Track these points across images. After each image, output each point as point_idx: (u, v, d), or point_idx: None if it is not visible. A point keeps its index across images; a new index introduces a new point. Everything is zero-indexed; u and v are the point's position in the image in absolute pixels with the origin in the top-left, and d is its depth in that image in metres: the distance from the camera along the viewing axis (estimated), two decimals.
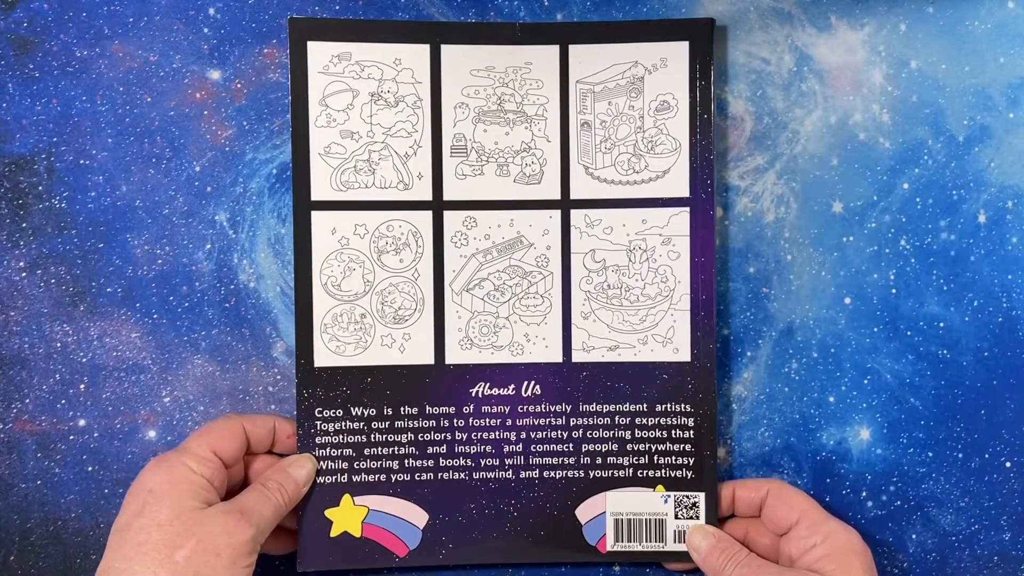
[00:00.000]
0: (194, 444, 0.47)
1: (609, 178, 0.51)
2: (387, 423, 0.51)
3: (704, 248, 0.51)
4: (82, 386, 0.52)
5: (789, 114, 0.53)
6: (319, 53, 0.51)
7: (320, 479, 0.51)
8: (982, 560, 0.53)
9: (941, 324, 0.52)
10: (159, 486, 0.45)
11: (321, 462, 0.51)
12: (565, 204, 0.52)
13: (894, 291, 0.52)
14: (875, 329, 0.52)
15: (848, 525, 0.48)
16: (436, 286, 0.52)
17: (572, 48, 0.51)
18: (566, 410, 0.51)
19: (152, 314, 0.52)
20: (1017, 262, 0.52)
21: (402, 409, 0.51)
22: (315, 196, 0.51)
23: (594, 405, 0.51)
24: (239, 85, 0.52)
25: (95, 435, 0.52)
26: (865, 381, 0.53)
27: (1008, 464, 0.53)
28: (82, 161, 0.52)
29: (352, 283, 0.51)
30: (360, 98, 0.51)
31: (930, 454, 0.53)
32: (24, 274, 0.52)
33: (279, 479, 0.49)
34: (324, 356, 0.51)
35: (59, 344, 0.52)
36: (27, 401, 0.52)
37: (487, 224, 0.52)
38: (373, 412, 0.51)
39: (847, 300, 0.53)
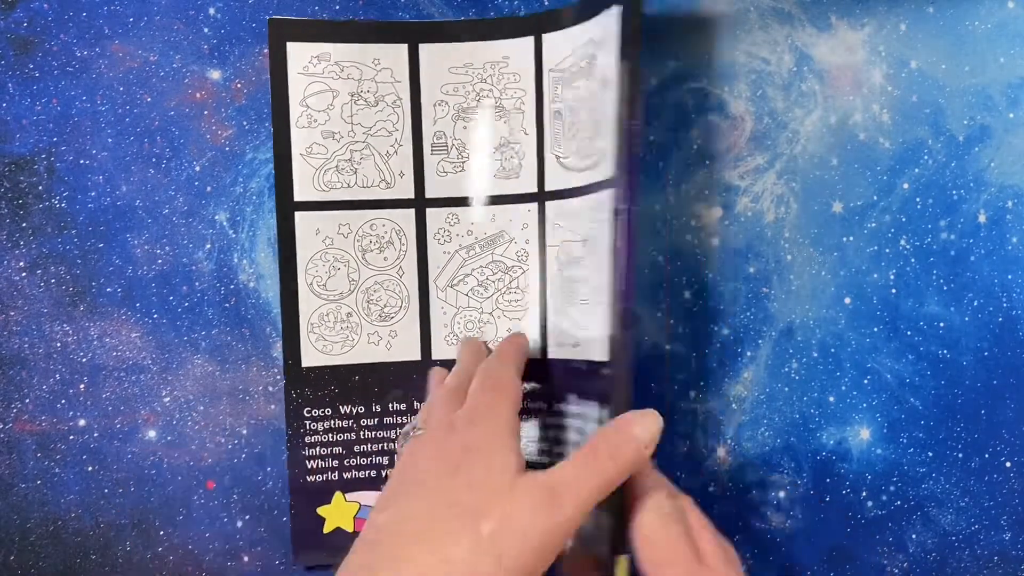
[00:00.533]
0: (503, 413, 0.42)
1: (573, 165, 0.51)
2: (376, 420, 0.51)
3: (622, 234, 0.44)
4: (82, 386, 0.52)
5: (789, 114, 0.53)
6: (299, 54, 0.51)
7: (311, 478, 0.51)
8: (982, 560, 0.53)
9: (941, 324, 0.52)
10: (475, 442, 0.40)
11: (311, 461, 0.51)
12: (541, 196, 0.52)
13: (894, 291, 0.52)
14: (875, 329, 0.52)
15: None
16: (421, 283, 0.52)
17: (545, 37, 0.51)
18: (543, 407, 0.51)
19: (152, 314, 0.52)
20: (1017, 262, 0.52)
21: (390, 406, 0.51)
22: (298, 197, 0.51)
23: (563, 404, 0.51)
24: (239, 85, 0.52)
25: (95, 435, 0.52)
26: (865, 381, 0.53)
27: (1008, 464, 0.53)
28: (82, 161, 0.52)
29: (337, 282, 0.52)
30: (340, 98, 0.51)
31: (930, 454, 0.53)
32: (24, 274, 0.52)
33: (615, 442, 0.40)
34: (311, 356, 0.51)
35: (59, 344, 0.52)
36: (27, 401, 0.52)
37: (469, 220, 0.52)
38: (361, 409, 0.51)
39: (847, 300, 0.53)
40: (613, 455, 0.39)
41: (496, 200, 0.52)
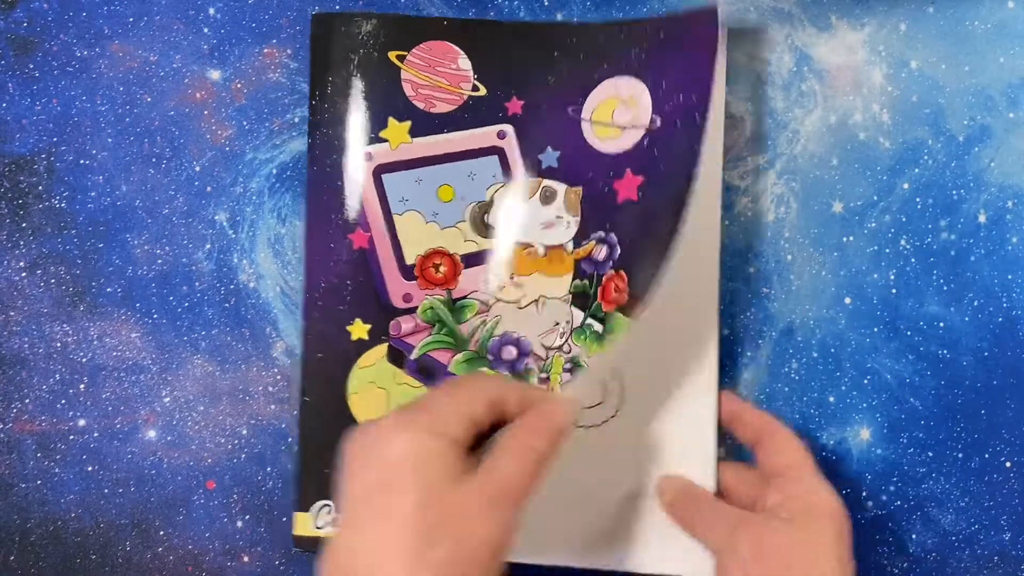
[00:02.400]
0: (450, 410, 0.38)
1: None
2: None
3: None
4: (82, 386, 0.52)
5: (789, 114, 0.53)
6: None
7: None
8: (982, 560, 0.53)
9: (941, 324, 0.52)
10: (407, 460, 0.37)
11: None
12: None
13: (894, 291, 0.52)
14: (875, 329, 0.52)
15: (831, 490, 0.46)
16: None
17: None
18: None
19: (152, 314, 0.52)
20: (1017, 262, 0.52)
21: None
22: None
23: None
24: (239, 85, 0.52)
25: (95, 435, 0.52)
26: (865, 381, 0.53)
27: (1008, 464, 0.52)
28: (82, 161, 0.52)
29: None
30: None
31: (930, 454, 0.53)
32: (24, 274, 0.52)
33: (544, 435, 0.39)
34: None
35: (59, 344, 0.52)
36: (27, 401, 0.52)
37: None
38: None
39: (847, 300, 0.53)
40: (546, 448, 0.39)
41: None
